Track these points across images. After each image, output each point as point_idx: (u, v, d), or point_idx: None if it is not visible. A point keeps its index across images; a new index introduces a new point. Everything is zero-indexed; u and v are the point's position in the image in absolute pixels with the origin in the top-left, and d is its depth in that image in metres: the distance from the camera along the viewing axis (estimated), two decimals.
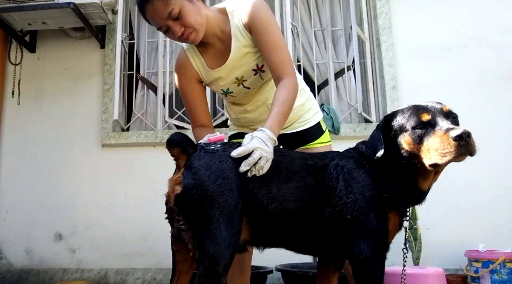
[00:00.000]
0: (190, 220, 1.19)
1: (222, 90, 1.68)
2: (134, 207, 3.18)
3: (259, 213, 1.24)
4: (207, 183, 1.19)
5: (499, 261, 2.51)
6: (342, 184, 1.28)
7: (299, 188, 1.27)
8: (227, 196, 1.18)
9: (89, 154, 3.32)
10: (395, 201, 1.29)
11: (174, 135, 1.29)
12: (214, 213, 1.16)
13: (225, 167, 1.23)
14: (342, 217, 1.26)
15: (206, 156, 1.25)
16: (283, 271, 2.55)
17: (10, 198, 3.33)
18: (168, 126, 3.33)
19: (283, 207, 1.25)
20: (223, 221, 1.16)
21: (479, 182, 2.98)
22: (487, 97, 3.13)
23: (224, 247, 1.15)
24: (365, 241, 1.24)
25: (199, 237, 1.17)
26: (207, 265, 1.14)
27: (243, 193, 1.22)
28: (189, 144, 1.28)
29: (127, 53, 3.55)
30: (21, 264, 3.21)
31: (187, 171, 1.24)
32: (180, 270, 1.37)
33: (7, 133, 3.44)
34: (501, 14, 3.25)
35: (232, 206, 1.18)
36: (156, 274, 3.07)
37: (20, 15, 3.09)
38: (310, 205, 1.26)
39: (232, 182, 1.21)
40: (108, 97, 3.37)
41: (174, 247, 1.35)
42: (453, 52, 3.23)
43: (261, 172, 1.23)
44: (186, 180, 1.22)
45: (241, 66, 1.60)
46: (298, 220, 1.26)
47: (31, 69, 3.52)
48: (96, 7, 3.08)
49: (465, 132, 1.15)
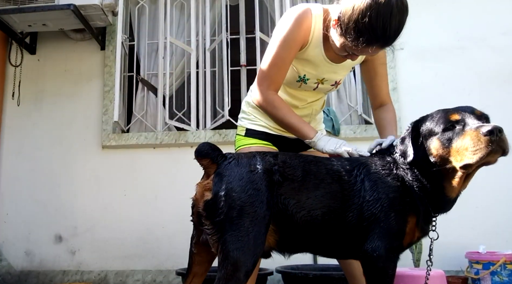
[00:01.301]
0: (218, 226, 1.22)
1: (303, 76, 1.65)
2: (134, 208, 3.18)
3: (288, 222, 1.27)
4: (239, 192, 1.23)
5: (500, 263, 2.50)
6: (366, 184, 1.29)
7: (325, 195, 1.29)
8: (257, 207, 1.22)
9: (89, 156, 3.32)
10: (416, 205, 1.29)
11: (203, 146, 1.32)
12: (243, 222, 1.20)
13: (256, 178, 1.26)
14: (362, 215, 1.27)
15: (238, 166, 1.28)
16: (283, 273, 2.55)
17: (10, 200, 3.33)
18: (168, 128, 3.33)
19: (310, 215, 1.27)
20: (252, 230, 1.20)
21: (479, 183, 2.95)
22: (488, 99, 3.12)
23: (248, 255, 1.18)
24: (381, 239, 1.24)
25: (225, 242, 1.19)
26: (229, 269, 1.17)
27: (271, 205, 1.25)
28: (218, 154, 1.32)
29: (127, 54, 3.55)
30: (21, 266, 3.21)
31: (217, 178, 1.27)
32: (195, 272, 1.39)
33: (7, 134, 3.44)
34: (501, 15, 3.25)
35: (261, 217, 1.21)
36: (156, 276, 3.07)
37: (21, 17, 3.09)
38: (334, 211, 1.28)
39: (262, 194, 1.24)
40: (108, 99, 3.37)
41: (194, 249, 1.38)
42: (453, 53, 3.23)
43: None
44: (217, 187, 1.25)
45: (335, 74, 1.67)
46: (324, 226, 1.28)
47: (31, 70, 3.52)
48: (96, 9, 3.08)
49: (496, 127, 1.10)
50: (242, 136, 1.76)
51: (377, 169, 1.33)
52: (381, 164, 1.34)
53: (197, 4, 3.51)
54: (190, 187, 1.40)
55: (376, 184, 1.29)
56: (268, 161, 1.32)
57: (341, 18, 1.39)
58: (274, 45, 1.54)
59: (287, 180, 1.30)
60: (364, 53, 1.47)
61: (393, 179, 1.30)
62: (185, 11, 3.54)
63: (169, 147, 3.27)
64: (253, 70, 3.25)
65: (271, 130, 1.72)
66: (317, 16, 1.53)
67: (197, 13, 3.50)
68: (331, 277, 2.38)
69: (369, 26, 1.31)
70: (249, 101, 1.76)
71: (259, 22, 3.23)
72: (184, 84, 3.46)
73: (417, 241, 1.40)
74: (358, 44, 1.36)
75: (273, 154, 1.36)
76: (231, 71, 3.32)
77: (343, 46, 1.45)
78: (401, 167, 1.32)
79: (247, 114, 1.78)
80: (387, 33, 1.32)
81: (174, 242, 3.07)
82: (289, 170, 1.31)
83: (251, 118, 1.76)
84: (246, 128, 1.76)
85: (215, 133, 3.22)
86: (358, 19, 1.32)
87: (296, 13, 1.52)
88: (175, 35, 3.48)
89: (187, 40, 3.49)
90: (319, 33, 1.55)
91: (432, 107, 2.34)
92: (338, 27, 1.42)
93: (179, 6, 3.58)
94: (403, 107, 3.13)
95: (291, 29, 1.51)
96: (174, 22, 3.50)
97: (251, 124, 1.75)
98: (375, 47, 1.38)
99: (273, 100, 1.55)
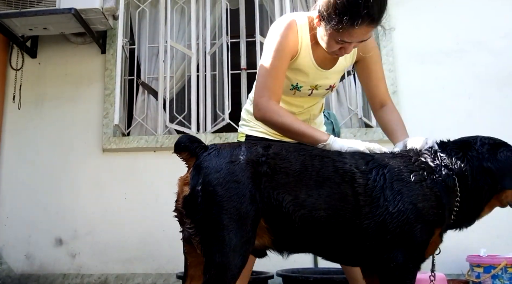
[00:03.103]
0: (198, 225, 1.13)
1: (295, 84, 1.65)
2: (135, 211, 3.17)
3: (283, 220, 1.16)
4: (215, 186, 1.12)
5: (501, 266, 2.50)
6: (388, 192, 1.18)
7: (332, 195, 1.17)
8: (236, 202, 1.10)
9: (89, 159, 3.32)
10: (445, 217, 1.23)
11: (181, 139, 1.24)
12: (222, 219, 1.09)
13: (236, 169, 1.14)
14: (384, 226, 1.17)
15: (217, 156, 1.17)
16: (284, 276, 2.54)
17: (10, 203, 3.33)
18: (169, 131, 3.34)
19: (311, 215, 1.16)
20: (233, 228, 1.09)
21: None
22: (487, 102, 3.13)
23: (232, 256, 1.08)
24: (401, 249, 1.17)
25: (207, 243, 1.11)
26: (213, 274, 1.09)
27: (257, 199, 1.13)
28: (197, 146, 1.22)
29: (128, 58, 3.56)
30: (21, 269, 3.20)
31: (195, 171, 1.18)
32: (192, 275, 1.30)
33: (7, 138, 3.44)
34: (500, 19, 3.26)
35: (243, 213, 1.10)
36: (157, 279, 3.06)
37: (22, 21, 3.10)
38: (343, 216, 1.17)
39: (244, 187, 1.12)
40: (108, 102, 3.37)
41: (186, 249, 1.29)
42: (453, 57, 3.24)
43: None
44: (193, 181, 1.16)
45: (328, 79, 1.67)
46: (329, 230, 1.18)
47: (32, 74, 3.53)
48: (97, 13, 3.09)
49: None
50: None
51: (403, 173, 1.21)
52: (408, 168, 1.23)
53: (197, 8, 3.52)
54: None
55: (401, 193, 1.18)
56: (255, 151, 1.20)
57: (320, 10, 1.42)
58: (267, 57, 1.54)
59: (279, 173, 1.17)
60: (355, 38, 1.41)
61: (423, 187, 1.20)
62: (186, 15, 3.55)
63: (169, 150, 3.24)
64: (253, 74, 3.25)
65: (271, 136, 1.72)
66: (302, 25, 1.56)
67: (197, 17, 3.52)
68: (332, 280, 2.37)
69: (348, 3, 1.32)
70: (248, 109, 1.77)
71: (259, 26, 3.24)
72: (185, 87, 3.46)
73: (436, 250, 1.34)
74: (344, 26, 1.35)
75: (265, 145, 1.26)
76: (231, 74, 3.33)
77: (332, 38, 1.43)
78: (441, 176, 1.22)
79: (247, 122, 1.79)
80: (369, 3, 1.30)
81: (175, 245, 3.05)
82: (282, 163, 1.19)
83: (250, 125, 1.77)
84: (246, 134, 1.76)
85: (216, 137, 3.23)
86: (335, 1, 1.34)
87: (281, 26, 1.54)
88: (176, 39, 3.49)
89: (187, 43, 3.50)
90: (307, 42, 1.57)
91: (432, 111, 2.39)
92: (321, 22, 1.43)
93: (180, 10, 3.59)
94: (403, 111, 3.10)
95: (280, 42, 1.53)
96: (174, 26, 3.51)
97: (251, 131, 1.76)
98: (364, 26, 1.35)
99: (278, 110, 1.52)
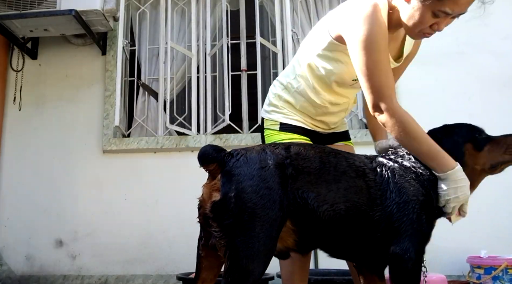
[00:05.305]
0: (226, 229, 1.13)
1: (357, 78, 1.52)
2: (135, 213, 3.17)
3: (309, 218, 1.18)
4: (250, 193, 1.13)
5: (502, 268, 2.50)
6: (393, 185, 1.25)
7: (349, 188, 1.22)
8: (269, 209, 1.12)
9: (90, 160, 3.32)
10: (441, 212, 1.31)
11: (206, 151, 1.21)
12: (254, 226, 1.11)
13: (267, 176, 1.15)
14: (392, 217, 1.22)
15: (247, 163, 1.18)
16: None
17: (10, 204, 3.33)
18: (169, 133, 3.34)
19: (333, 209, 1.18)
20: (263, 236, 1.11)
21: (480, 187, 2.96)
22: (488, 104, 3.13)
23: (257, 263, 1.10)
24: (412, 241, 1.20)
25: (234, 248, 1.11)
26: (236, 278, 1.09)
27: (285, 204, 1.15)
28: (225, 154, 1.21)
29: (128, 59, 3.56)
30: (21, 270, 3.20)
31: (226, 177, 1.17)
32: (204, 278, 1.30)
33: (8, 139, 3.44)
34: (501, 20, 3.26)
35: (273, 220, 1.12)
36: (157, 281, 3.06)
37: (22, 22, 3.10)
38: (359, 208, 1.21)
39: (275, 193, 1.14)
40: (109, 104, 3.37)
41: (202, 253, 1.28)
42: (453, 58, 3.23)
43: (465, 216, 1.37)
44: (226, 187, 1.15)
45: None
46: (347, 223, 1.21)
47: (33, 75, 3.53)
48: (97, 14, 3.09)
49: None
50: (276, 131, 1.64)
51: (401, 171, 1.29)
52: (401, 166, 1.31)
53: (197, 9, 3.53)
54: (191, 191, 1.38)
55: (404, 187, 1.25)
56: (279, 154, 1.21)
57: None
58: (364, 52, 1.35)
59: (302, 173, 1.20)
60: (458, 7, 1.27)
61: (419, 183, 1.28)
62: (186, 16, 3.56)
63: (169, 151, 3.27)
64: (254, 75, 3.26)
65: (307, 126, 1.66)
66: (382, 9, 1.39)
67: (197, 18, 3.52)
68: (333, 281, 2.37)
69: None
70: (281, 95, 1.66)
71: (259, 27, 3.25)
72: (185, 88, 3.46)
73: None
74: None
75: (285, 146, 1.26)
76: (231, 76, 3.33)
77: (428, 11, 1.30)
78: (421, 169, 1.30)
79: (280, 108, 1.67)
80: None
81: (175, 247, 3.07)
82: (303, 162, 1.22)
83: (284, 112, 1.65)
84: (280, 122, 1.65)
85: (216, 138, 3.23)
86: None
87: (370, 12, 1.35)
88: (176, 40, 3.49)
89: (187, 45, 3.51)
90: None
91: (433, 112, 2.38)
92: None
93: (180, 11, 3.59)
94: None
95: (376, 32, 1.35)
96: (175, 27, 3.51)
97: (286, 119, 1.65)
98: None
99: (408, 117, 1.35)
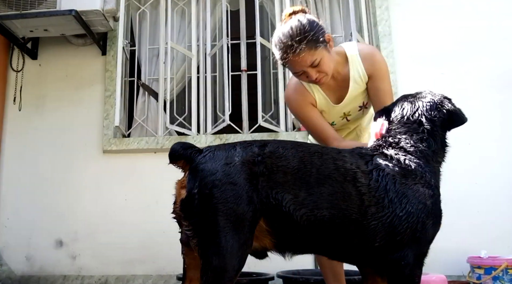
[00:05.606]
0: (195, 227, 1.14)
1: (331, 123, 1.84)
2: (135, 213, 3.17)
3: (283, 220, 1.15)
4: (211, 189, 1.12)
5: (502, 268, 2.50)
6: (392, 194, 1.18)
7: (334, 194, 1.16)
8: (232, 203, 1.10)
9: (90, 160, 3.32)
10: None
11: (174, 147, 1.24)
12: (218, 221, 1.09)
13: (231, 171, 1.14)
14: (393, 229, 1.16)
15: (212, 159, 1.18)
16: (284, 278, 2.54)
17: (11, 205, 3.33)
18: (169, 133, 3.34)
19: (314, 214, 1.14)
20: (230, 230, 1.08)
21: (481, 188, 2.98)
22: (487, 104, 3.13)
23: (229, 259, 1.08)
24: (411, 246, 1.17)
25: (204, 246, 1.11)
26: (210, 277, 1.08)
27: (255, 200, 1.13)
28: (192, 151, 1.22)
29: (128, 59, 3.56)
30: (21, 271, 3.20)
31: (191, 174, 1.19)
32: (190, 277, 1.30)
33: (8, 139, 3.44)
34: (500, 20, 3.26)
35: (240, 214, 1.10)
36: (157, 281, 3.06)
37: (22, 22, 3.10)
38: (348, 216, 1.15)
39: (240, 188, 1.12)
40: (109, 104, 3.37)
41: (184, 251, 1.29)
42: (453, 58, 3.24)
43: None
44: (190, 184, 1.16)
45: (351, 104, 1.81)
46: (333, 230, 1.16)
47: (33, 76, 3.53)
48: (97, 15, 3.09)
49: None
50: None
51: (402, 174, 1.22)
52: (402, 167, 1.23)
53: (197, 10, 3.53)
54: None
55: (406, 195, 1.18)
56: (250, 151, 1.19)
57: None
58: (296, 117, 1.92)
59: (277, 172, 1.16)
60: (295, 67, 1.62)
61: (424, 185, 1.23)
62: (186, 16, 3.56)
63: None
64: (254, 75, 3.26)
65: None
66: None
67: (197, 18, 3.52)
68: None
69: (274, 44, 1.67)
70: None
71: (259, 27, 3.25)
72: (185, 89, 3.46)
73: None
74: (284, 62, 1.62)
75: (261, 143, 1.25)
76: (231, 76, 3.33)
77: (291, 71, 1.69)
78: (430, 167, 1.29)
79: None
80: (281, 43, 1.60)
81: (175, 247, 3.03)
82: (279, 161, 1.18)
83: None
84: None
85: (216, 138, 3.23)
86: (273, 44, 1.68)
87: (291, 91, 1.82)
88: (176, 40, 3.49)
89: (187, 45, 3.51)
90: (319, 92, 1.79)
91: None
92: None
93: (180, 11, 3.59)
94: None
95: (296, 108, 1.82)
96: (175, 27, 3.51)
97: None
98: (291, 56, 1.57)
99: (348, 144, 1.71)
